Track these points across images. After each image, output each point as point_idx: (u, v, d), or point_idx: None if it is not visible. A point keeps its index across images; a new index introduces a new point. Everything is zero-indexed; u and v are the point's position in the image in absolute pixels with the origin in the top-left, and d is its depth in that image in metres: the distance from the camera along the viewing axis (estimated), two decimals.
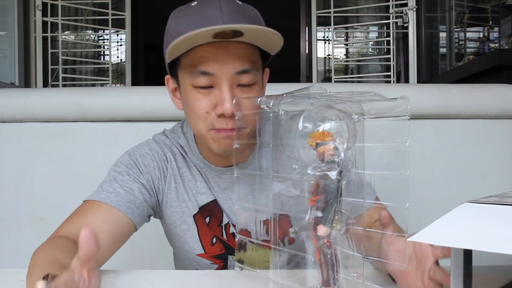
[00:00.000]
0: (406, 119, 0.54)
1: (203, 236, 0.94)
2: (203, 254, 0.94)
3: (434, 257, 0.62)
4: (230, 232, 0.94)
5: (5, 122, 1.48)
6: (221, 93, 0.79)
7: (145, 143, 0.95)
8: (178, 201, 0.92)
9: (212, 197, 0.93)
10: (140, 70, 4.58)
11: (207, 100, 0.80)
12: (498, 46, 2.81)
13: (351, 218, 0.57)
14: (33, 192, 1.48)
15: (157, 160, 0.92)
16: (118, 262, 0.85)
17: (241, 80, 0.80)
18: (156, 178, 0.91)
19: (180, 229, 0.94)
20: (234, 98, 0.79)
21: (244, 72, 0.79)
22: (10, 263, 1.45)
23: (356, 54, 4.28)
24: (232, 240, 0.94)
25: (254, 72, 0.81)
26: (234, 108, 0.78)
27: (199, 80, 0.79)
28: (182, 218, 0.93)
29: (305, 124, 0.57)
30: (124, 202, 0.84)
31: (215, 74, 0.78)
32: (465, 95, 1.49)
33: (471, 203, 0.51)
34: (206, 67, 0.78)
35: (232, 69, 0.78)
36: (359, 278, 0.57)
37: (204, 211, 0.93)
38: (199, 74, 0.79)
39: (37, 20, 3.36)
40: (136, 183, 0.88)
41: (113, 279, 0.76)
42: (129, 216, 0.84)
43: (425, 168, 1.48)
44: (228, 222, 0.93)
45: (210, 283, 0.77)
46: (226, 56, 0.78)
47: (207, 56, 0.78)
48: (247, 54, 0.80)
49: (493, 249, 0.41)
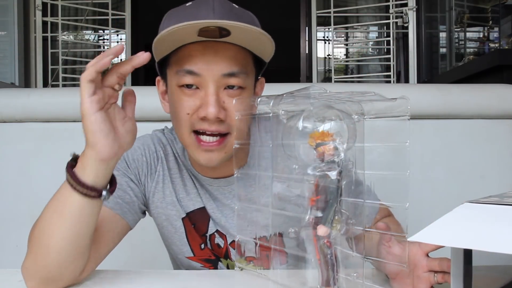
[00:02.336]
0: (406, 119, 0.54)
1: (192, 240, 0.91)
2: (192, 257, 0.92)
3: (429, 268, 0.62)
4: (215, 243, 0.91)
5: (5, 122, 1.48)
6: (206, 95, 0.76)
7: (140, 137, 0.92)
8: (165, 202, 0.90)
9: (200, 204, 0.90)
10: (140, 70, 4.58)
11: (190, 101, 0.77)
12: (498, 46, 2.82)
13: (352, 218, 0.57)
14: (33, 192, 1.48)
15: (147, 156, 0.89)
16: (118, 262, 0.85)
17: (229, 82, 0.77)
18: (143, 174, 0.89)
19: (168, 231, 0.92)
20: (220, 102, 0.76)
21: (232, 75, 0.76)
22: (10, 263, 1.45)
23: (356, 54, 4.28)
24: (217, 250, 0.91)
25: (243, 77, 0.77)
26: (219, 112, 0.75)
27: (185, 79, 0.77)
28: (168, 220, 0.91)
29: (305, 124, 0.57)
30: (111, 198, 0.78)
31: (201, 74, 0.76)
32: (465, 95, 1.49)
33: (471, 203, 0.51)
34: (192, 66, 0.76)
35: (219, 70, 0.76)
36: (359, 278, 0.57)
37: (191, 218, 0.90)
38: (184, 73, 0.76)
39: (37, 20, 3.36)
40: (124, 177, 0.86)
41: (113, 279, 0.76)
42: (117, 212, 0.82)
43: (425, 168, 1.48)
44: (214, 233, 0.90)
45: (210, 283, 0.77)
46: (213, 57, 0.75)
47: (194, 55, 0.76)
48: (236, 57, 0.77)
49: (493, 249, 0.41)
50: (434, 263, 0.62)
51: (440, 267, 0.61)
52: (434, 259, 0.62)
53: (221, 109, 0.76)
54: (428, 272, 0.62)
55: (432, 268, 0.62)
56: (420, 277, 0.62)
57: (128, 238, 0.86)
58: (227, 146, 0.79)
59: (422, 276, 0.62)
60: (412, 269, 0.63)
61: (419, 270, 0.62)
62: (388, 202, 0.59)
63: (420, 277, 0.62)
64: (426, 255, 0.63)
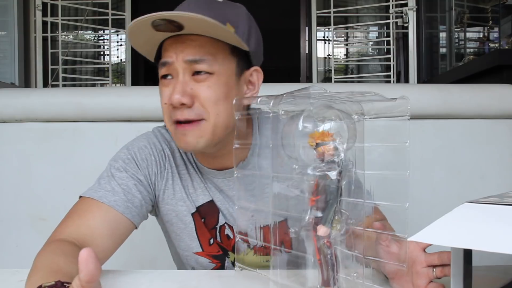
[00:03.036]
0: (406, 119, 0.54)
1: (201, 235, 0.93)
2: (201, 252, 0.93)
3: (427, 263, 0.62)
4: (224, 234, 0.93)
5: (5, 122, 1.48)
6: (175, 83, 0.81)
7: (144, 135, 0.94)
8: (175, 199, 0.91)
9: (209, 198, 0.92)
10: (140, 70, 4.58)
11: (167, 91, 0.82)
12: (498, 46, 2.82)
13: (351, 219, 0.57)
14: (33, 192, 1.48)
15: (155, 154, 0.91)
16: (118, 262, 0.85)
17: (195, 68, 0.81)
18: (153, 173, 0.90)
19: (177, 227, 0.93)
20: (187, 88, 0.80)
21: (197, 62, 0.80)
22: (10, 263, 1.45)
23: (356, 54, 4.28)
24: (226, 242, 0.93)
25: (210, 62, 0.81)
26: (183, 98, 0.79)
27: (162, 70, 0.83)
28: (178, 216, 0.92)
29: (305, 124, 0.57)
30: (122, 201, 0.83)
31: (172, 62, 0.81)
32: (465, 95, 1.49)
33: (471, 203, 0.51)
34: (166, 57, 0.82)
35: (184, 56, 0.80)
36: (359, 278, 0.57)
37: (201, 212, 0.92)
38: (161, 65, 0.83)
39: (37, 20, 3.37)
40: (133, 179, 0.87)
41: (113, 279, 0.76)
42: (128, 216, 0.84)
43: (425, 168, 1.48)
44: (224, 224, 0.92)
45: (210, 283, 0.77)
46: (181, 46, 0.81)
47: (167, 48, 0.82)
48: (203, 45, 0.81)
49: (493, 249, 0.41)
50: (433, 257, 0.62)
51: (440, 260, 0.61)
52: (432, 254, 0.62)
53: (186, 95, 0.80)
54: (427, 267, 0.62)
55: (431, 262, 0.62)
56: (419, 273, 0.62)
57: (129, 238, 0.86)
58: (202, 130, 0.81)
59: (421, 271, 0.62)
60: (411, 266, 0.63)
61: (417, 266, 0.63)
62: (388, 202, 0.59)
63: (419, 273, 0.62)
64: (424, 250, 0.63)
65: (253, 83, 0.89)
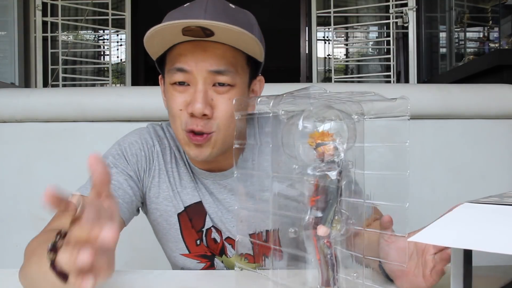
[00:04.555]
0: (406, 119, 0.54)
1: (188, 236, 0.91)
2: (187, 254, 0.92)
3: (435, 249, 0.62)
4: (211, 237, 0.91)
5: (5, 122, 1.48)
6: (194, 91, 0.79)
7: (136, 131, 0.93)
8: (160, 197, 0.90)
9: (198, 198, 0.90)
10: (140, 70, 4.58)
11: (181, 98, 0.80)
12: (498, 46, 2.82)
13: (351, 219, 0.57)
14: (33, 192, 1.48)
15: (145, 150, 0.90)
16: (118, 262, 0.84)
17: (217, 80, 0.79)
18: (142, 169, 0.89)
19: (162, 227, 0.92)
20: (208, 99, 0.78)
21: (220, 73, 0.78)
22: (10, 263, 1.45)
23: (356, 54, 4.28)
24: (212, 246, 0.91)
25: (231, 74, 0.79)
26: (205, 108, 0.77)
27: (176, 77, 0.80)
28: (162, 216, 0.91)
29: (305, 124, 0.57)
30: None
31: (190, 71, 0.79)
32: (465, 95, 1.49)
33: (471, 203, 0.51)
34: (182, 63, 0.79)
35: (206, 67, 0.78)
36: (359, 278, 0.57)
37: (188, 212, 0.90)
38: (175, 71, 0.80)
39: (37, 20, 3.36)
40: (123, 175, 0.86)
41: (113, 279, 0.76)
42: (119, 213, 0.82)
43: (425, 168, 1.48)
44: (210, 227, 0.91)
45: (210, 283, 0.77)
46: (202, 54, 0.78)
47: (184, 54, 0.79)
48: (225, 55, 0.79)
49: (493, 249, 0.41)
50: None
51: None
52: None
53: (208, 106, 0.78)
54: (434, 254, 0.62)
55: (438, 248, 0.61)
56: (427, 261, 0.62)
57: (129, 239, 0.86)
58: (213, 142, 0.81)
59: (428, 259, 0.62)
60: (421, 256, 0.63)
61: (427, 254, 0.62)
62: (388, 202, 0.59)
63: (427, 261, 0.62)
64: None
65: (255, 92, 0.89)
